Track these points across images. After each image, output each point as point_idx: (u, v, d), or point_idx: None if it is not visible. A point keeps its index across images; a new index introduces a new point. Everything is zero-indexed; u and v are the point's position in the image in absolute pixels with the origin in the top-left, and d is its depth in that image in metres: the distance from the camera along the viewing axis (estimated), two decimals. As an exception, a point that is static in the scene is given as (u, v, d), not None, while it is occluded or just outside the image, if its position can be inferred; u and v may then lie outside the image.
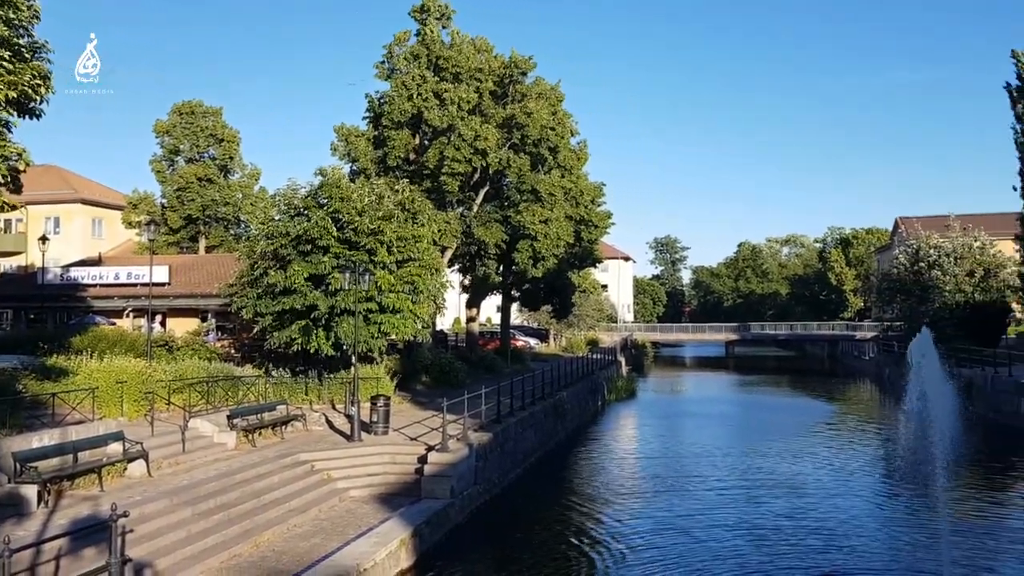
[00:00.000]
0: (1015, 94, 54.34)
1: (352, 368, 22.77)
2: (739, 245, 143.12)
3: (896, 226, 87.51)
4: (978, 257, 49.53)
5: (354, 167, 35.82)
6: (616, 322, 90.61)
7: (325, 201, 26.24)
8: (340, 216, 25.08)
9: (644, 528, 17.91)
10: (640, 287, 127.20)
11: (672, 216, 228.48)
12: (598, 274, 76.20)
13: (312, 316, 24.51)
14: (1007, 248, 54.32)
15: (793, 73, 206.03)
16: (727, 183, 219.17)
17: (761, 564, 15.01)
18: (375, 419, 20.56)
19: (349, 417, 20.90)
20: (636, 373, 63.65)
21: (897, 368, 43.43)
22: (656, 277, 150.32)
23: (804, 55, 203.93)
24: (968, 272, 48.76)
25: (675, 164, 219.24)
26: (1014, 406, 32.55)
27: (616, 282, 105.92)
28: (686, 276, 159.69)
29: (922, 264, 50.71)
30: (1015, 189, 54.18)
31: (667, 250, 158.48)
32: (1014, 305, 52.68)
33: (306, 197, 26.66)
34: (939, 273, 49.12)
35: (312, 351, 24.80)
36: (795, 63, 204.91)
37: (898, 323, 54.95)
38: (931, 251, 50.68)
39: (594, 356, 48.44)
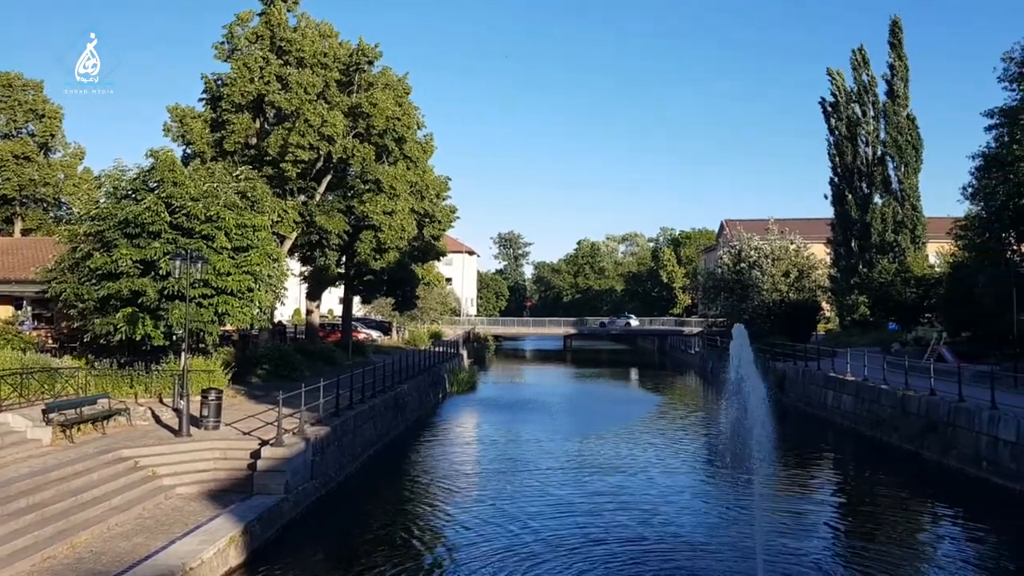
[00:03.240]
0: (829, 109, 59.34)
1: (182, 359, 21.88)
2: (579, 242, 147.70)
3: (722, 228, 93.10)
4: (793, 259, 53.50)
5: (188, 150, 34.27)
6: (459, 315, 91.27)
7: (156, 185, 25.02)
8: (173, 202, 24.00)
9: (478, 515, 18.36)
10: (484, 281, 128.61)
11: (516, 212, 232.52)
12: (442, 267, 76.29)
13: (139, 302, 23.33)
14: (819, 251, 59.21)
15: (632, 79, 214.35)
16: (570, 181, 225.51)
17: (584, 544, 15.91)
18: (205, 413, 19.85)
19: (177, 411, 20.09)
20: (478, 366, 64.48)
21: (720, 361, 46.25)
22: (499, 272, 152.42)
23: (644, 63, 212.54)
24: (784, 272, 52.57)
25: (520, 161, 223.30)
26: (821, 397, 35.54)
27: (460, 276, 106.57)
28: (528, 271, 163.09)
29: (743, 264, 54.17)
30: (826, 197, 59.35)
31: (510, 245, 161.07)
32: (824, 304, 57.46)
33: (135, 180, 25.31)
34: (758, 273, 52.66)
35: (139, 340, 23.60)
36: (636, 69, 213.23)
37: (721, 319, 58.54)
38: (752, 252, 54.20)
39: (436, 349, 48.69)
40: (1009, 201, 26.73)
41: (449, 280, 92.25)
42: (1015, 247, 28.73)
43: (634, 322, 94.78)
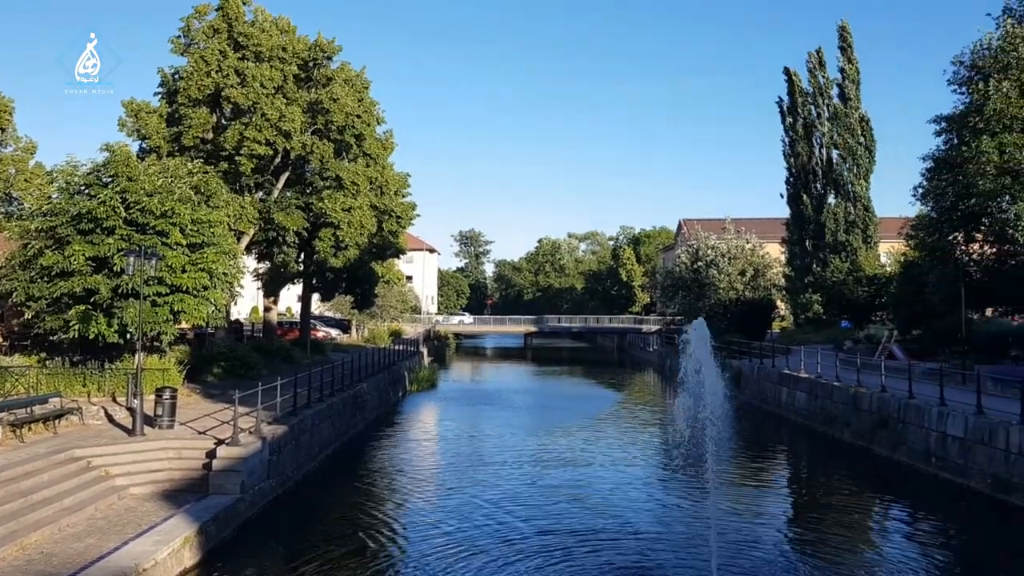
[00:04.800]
0: (786, 110, 60.30)
1: (136, 357, 21.53)
2: (540, 240, 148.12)
3: (680, 227, 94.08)
4: (749, 258, 54.22)
5: (144, 145, 33.68)
6: (420, 313, 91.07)
7: (110, 180, 24.57)
8: (127, 196, 23.59)
9: (435, 511, 18.55)
10: (444, 279, 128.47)
11: (477, 210, 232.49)
12: (403, 265, 76.16)
13: (92, 300, 22.90)
14: (774, 250, 60.12)
15: (592, 77, 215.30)
16: (532, 180, 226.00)
17: (538, 535, 16.26)
18: (160, 412, 19.55)
19: (131, 410, 19.77)
20: (438, 364, 64.39)
21: (677, 359, 46.72)
22: (460, 270, 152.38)
23: (604, 62, 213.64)
24: (740, 271, 53.28)
25: (481, 160, 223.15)
26: (776, 394, 36.12)
27: (421, 274, 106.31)
28: (490, 269, 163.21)
29: (701, 263, 54.78)
30: (782, 197, 60.30)
31: (471, 243, 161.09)
32: (779, 302, 58.35)
33: (88, 175, 24.83)
34: (715, 272, 53.30)
35: (93, 338, 23.17)
36: (596, 68, 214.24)
37: (679, 317, 59.17)
38: (709, 251, 54.83)
39: (396, 347, 48.52)
40: (958, 202, 27.40)
41: (410, 278, 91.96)
42: (963, 247, 29.47)
43: (467, 320, 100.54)
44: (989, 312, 37.18)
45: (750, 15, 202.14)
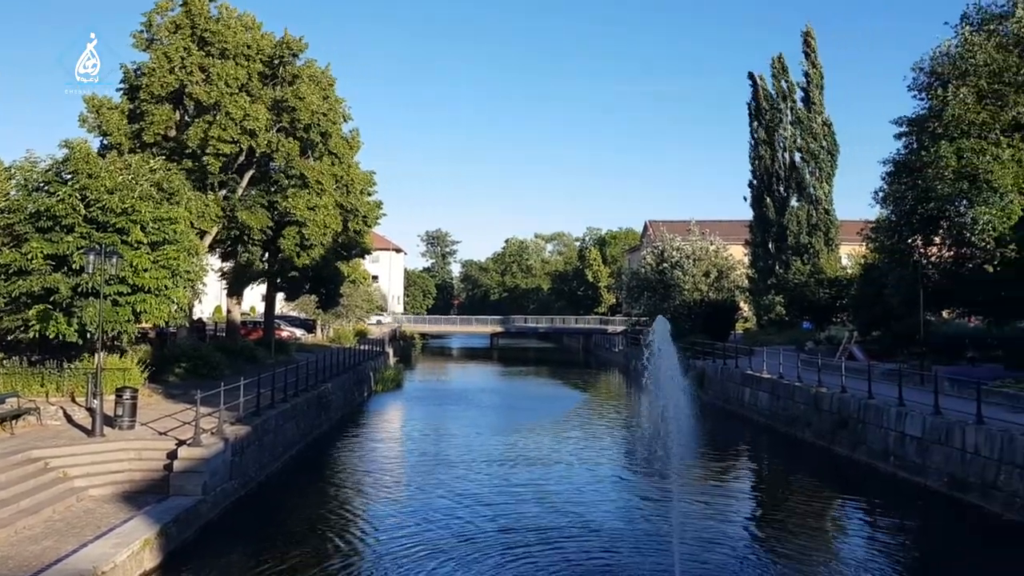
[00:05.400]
0: (753, 113, 60.98)
1: (96, 357, 21.16)
2: (507, 241, 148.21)
3: (646, 228, 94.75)
4: (713, 259, 54.69)
5: (105, 141, 33.12)
6: (386, 313, 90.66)
7: (70, 176, 24.12)
8: (88, 194, 23.18)
9: (398, 511, 18.58)
10: (411, 279, 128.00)
11: (444, 210, 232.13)
12: (369, 265, 75.74)
13: (52, 299, 22.47)
14: (737, 252, 60.73)
15: (559, 77, 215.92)
16: (499, 180, 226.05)
17: (501, 533, 16.41)
18: (120, 412, 19.24)
19: (91, 410, 19.44)
20: (404, 364, 64.19)
21: (642, 359, 46.99)
22: (427, 270, 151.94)
23: (571, 61, 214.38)
24: (704, 272, 53.70)
25: (448, 159, 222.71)
26: (739, 394, 36.50)
27: (387, 273, 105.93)
28: (456, 270, 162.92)
29: (666, 264, 55.13)
30: (745, 199, 60.97)
31: (438, 243, 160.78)
32: (742, 304, 58.95)
33: (47, 171, 24.36)
34: (680, 273, 53.67)
35: (52, 337, 22.73)
36: (563, 68, 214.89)
37: (644, 318, 59.51)
38: (674, 253, 55.19)
39: (362, 347, 48.25)
40: (917, 206, 27.86)
41: (376, 278, 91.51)
42: (922, 250, 29.99)
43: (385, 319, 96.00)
44: (947, 314, 37.90)
45: (720, 16, 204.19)
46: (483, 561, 14.49)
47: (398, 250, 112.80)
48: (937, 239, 29.45)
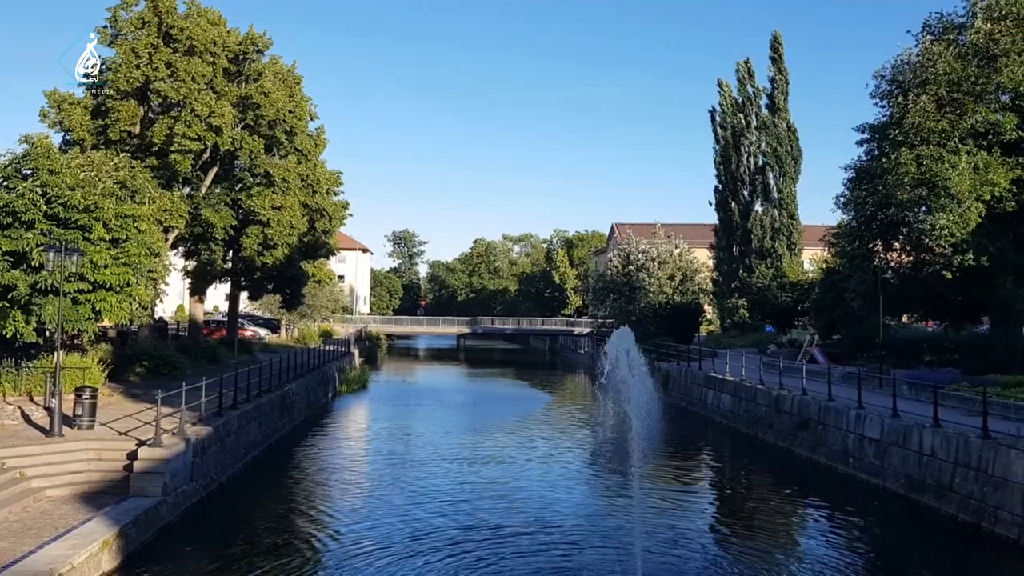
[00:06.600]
0: (717, 119, 61.62)
1: (55, 356, 20.79)
2: (475, 242, 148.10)
3: (612, 231, 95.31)
4: (678, 262, 55.20)
5: (67, 137, 32.52)
6: (352, 313, 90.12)
7: (30, 172, 23.67)
8: (49, 190, 22.76)
9: (360, 511, 18.57)
10: (377, 279, 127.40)
11: (411, 211, 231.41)
12: (335, 265, 75.22)
13: (9, 297, 22.02)
14: (702, 255, 61.38)
15: (526, 79, 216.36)
16: (467, 181, 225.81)
17: (464, 532, 16.55)
18: (79, 412, 18.92)
19: (49, 410, 19.12)
20: (369, 365, 63.88)
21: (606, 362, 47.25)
22: (394, 270, 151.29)
23: (539, 63, 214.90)
24: (669, 275, 54.19)
25: (415, 160, 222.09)
26: (702, 396, 36.89)
27: (353, 273, 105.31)
28: (423, 270, 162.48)
29: (631, 267, 55.52)
30: (711, 204, 61.62)
31: (405, 243, 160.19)
32: (706, 306, 59.57)
33: (7, 166, 23.88)
34: (645, 275, 54.10)
35: (9, 336, 22.27)
36: (531, 69, 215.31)
37: (610, 320, 59.86)
38: (640, 255, 55.60)
39: (327, 347, 47.92)
40: (877, 211, 28.30)
41: (342, 278, 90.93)
42: (882, 255, 30.46)
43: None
44: (905, 318, 38.60)
45: (689, 19, 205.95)
46: (446, 560, 14.52)
47: (364, 250, 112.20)
48: (897, 244, 29.93)
